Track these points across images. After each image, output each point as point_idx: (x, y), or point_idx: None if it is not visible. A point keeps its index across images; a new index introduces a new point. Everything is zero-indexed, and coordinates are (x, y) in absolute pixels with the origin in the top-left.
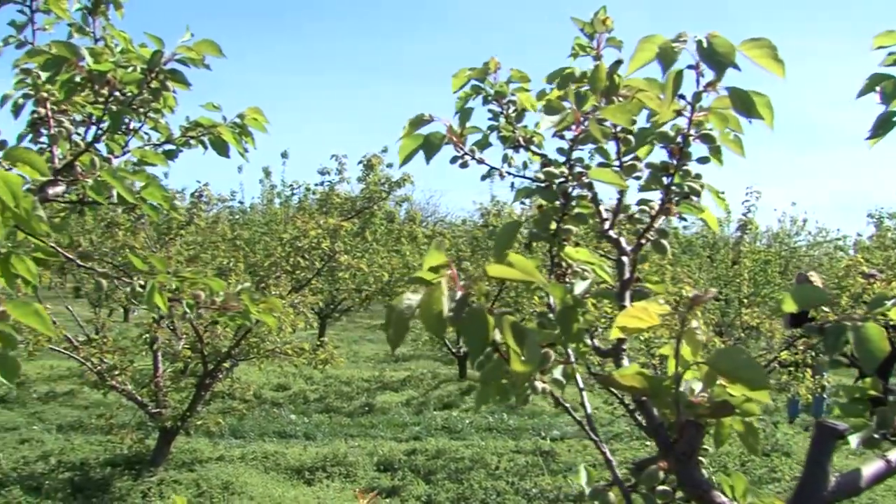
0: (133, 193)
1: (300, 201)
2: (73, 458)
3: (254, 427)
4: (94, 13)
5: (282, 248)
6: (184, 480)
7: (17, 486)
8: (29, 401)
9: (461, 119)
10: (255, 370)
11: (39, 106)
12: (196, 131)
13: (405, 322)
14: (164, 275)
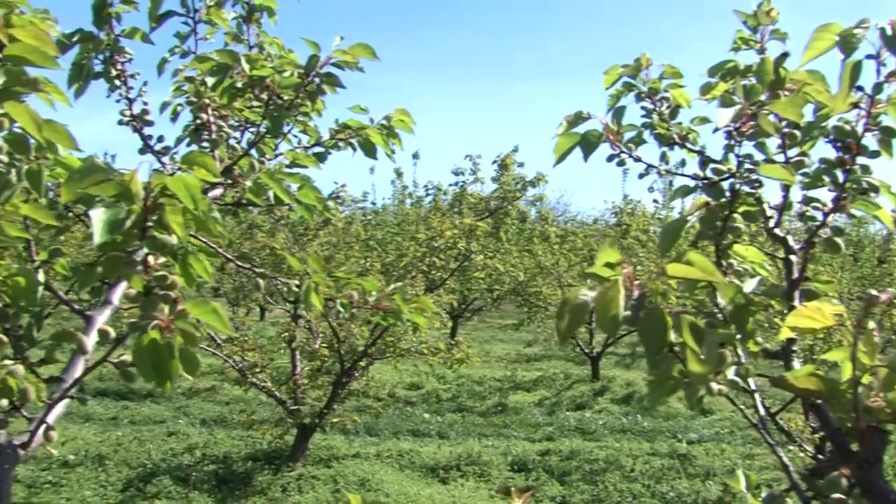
0: (290, 195)
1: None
2: (216, 451)
3: (388, 425)
4: (248, 21)
5: (417, 247)
6: (321, 476)
7: (167, 476)
8: (174, 396)
9: (614, 116)
10: (388, 369)
11: (202, 112)
12: (345, 133)
13: (579, 316)
14: (320, 275)
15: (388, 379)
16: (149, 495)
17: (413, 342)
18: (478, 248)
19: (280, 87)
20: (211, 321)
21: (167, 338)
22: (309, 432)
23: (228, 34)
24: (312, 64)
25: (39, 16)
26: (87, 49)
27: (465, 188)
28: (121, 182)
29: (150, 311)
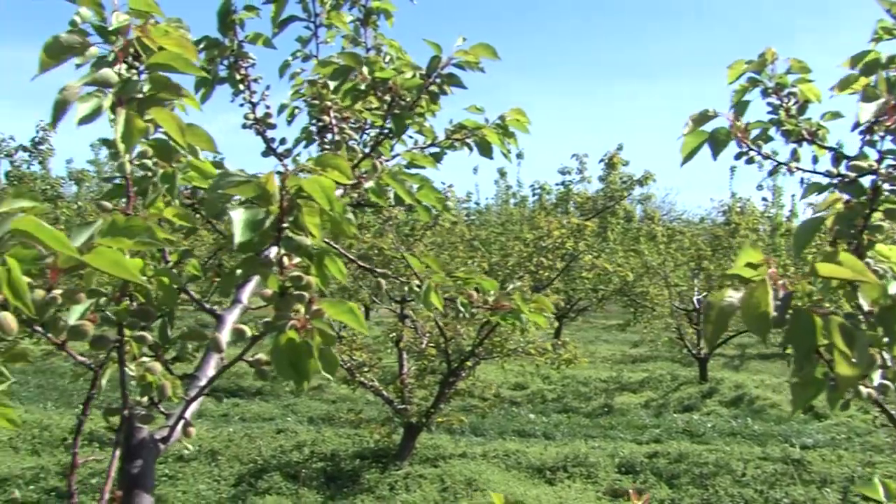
0: (411, 195)
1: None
2: (324, 449)
3: (493, 425)
4: (365, 24)
5: (524, 247)
6: (428, 475)
7: (277, 473)
8: (282, 394)
9: (737, 112)
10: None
11: (324, 114)
12: (461, 133)
13: (726, 318)
14: (440, 275)
15: (492, 379)
16: (260, 490)
17: (520, 342)
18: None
19: (403, 89)
20: (347, 321)
21: (305, 338)
22: (416, 431)
23: (347, 37)
24: (434, 65)
25: (173, 24)
26: (213, 55)
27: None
28: (258, 184)
29: (285, 311)
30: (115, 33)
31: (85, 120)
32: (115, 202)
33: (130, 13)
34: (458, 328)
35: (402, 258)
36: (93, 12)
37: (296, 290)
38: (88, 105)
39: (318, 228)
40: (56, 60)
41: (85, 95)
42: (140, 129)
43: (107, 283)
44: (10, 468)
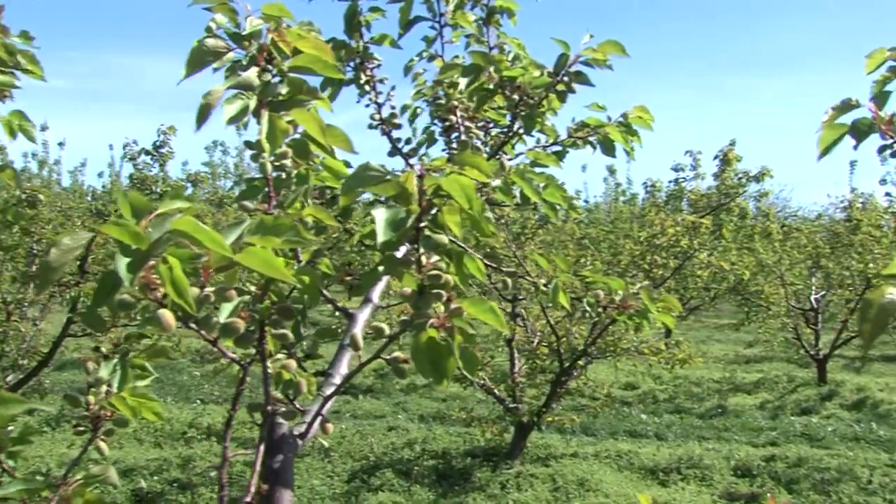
0: (538, 193)
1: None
2: (435, 446)
3: (604, 425)
4: (488, 23)
5: (638, 245)
6: (540, 475)
7: (389, 469)
8: (393, 391)
9: (878, 103)
10: (603, 368)
11: (450, 113)
12: (584, 132)
13: (886, 317)
14: (566, 274)
15: (602, 378)
16: (373, 487)
17: (633, 342)
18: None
19: (531, 87)
20: (487, 319)
21: (445, 336)
22: (527, 430)
23: (471, 36)
24: (562, 63)
25: (304, 28)
26: (339, 56)
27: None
28: (398, 183)
29: (423, 310)
30: (249, 38)
31: (233, 120)
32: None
33: (263, 18)
34: (569, 327)
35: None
36: (227, 18)
37: (434, 289)
38: (235, 107)
39: (459, 227)
40: (201, 64)
41: (230, 98)
42: (283, 130)
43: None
44: (136, 459)
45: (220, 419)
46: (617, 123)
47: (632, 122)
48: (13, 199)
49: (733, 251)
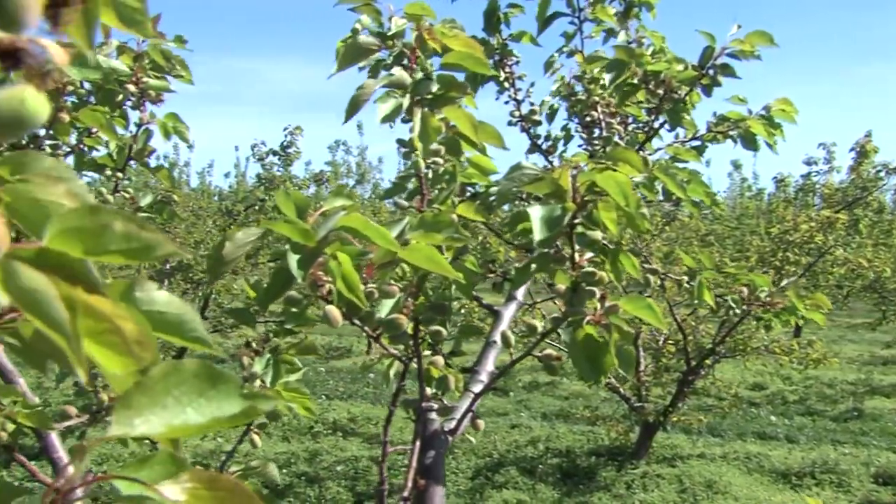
0: (683, 189)
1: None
2: (558, 445)
3: (731, 426)
4: (626, 16)
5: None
6: (666, 475)
7: (513, 467)
8: (515, 389)
9: None
10: (729, 368)
11: (591, 109)
12: (724, 126)
13: None
14: (710, 271)
15: (729, 378)
16: (497, 484)
17: (764, 340)
18: (834, 242)
19: (676, 81)
20: (645, 316)
21: (602, 334)
22: (652, 430)
23: (609, 31)
24: (708, 55)
25: (447, 25)
26: None
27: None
28: (552, 180)
29: (577, 307)
30: (393, 37)
31: (386, 119)
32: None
33: (406, 17)
34: (697, 325)
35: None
36: (371, 18)
37: (588, 286)
38: (388, 105)
39: (615, 224)
40: (352, 61)
41: (383, 96)
42: (436, 127)
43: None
44: (265, 452)
45: (345, 414)
46: (758, 116)
47: (774, 114)
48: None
49: (869, 247)
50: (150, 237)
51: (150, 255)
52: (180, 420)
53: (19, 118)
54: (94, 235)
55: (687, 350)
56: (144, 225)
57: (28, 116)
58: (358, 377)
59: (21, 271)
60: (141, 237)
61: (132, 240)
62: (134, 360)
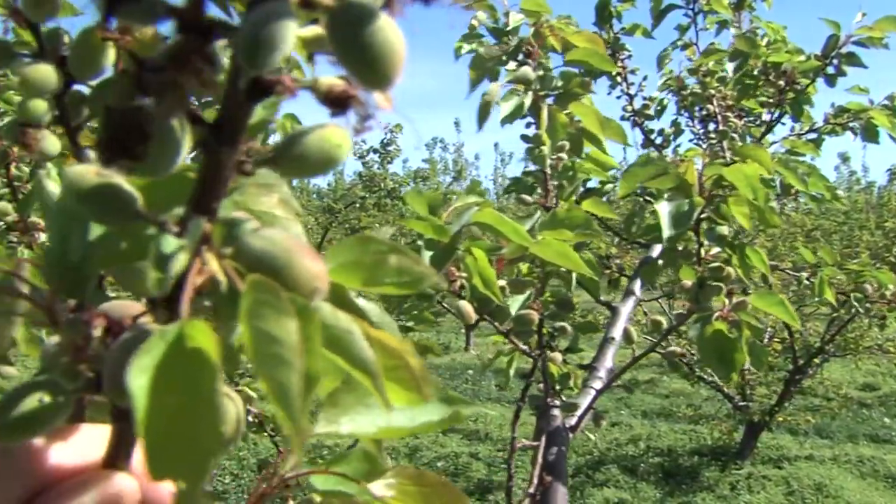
0: (804, 183)
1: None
2: (659, 443)
3: (841, 427)
4: (740, 7)
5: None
6: (772, 477)
7: (614, 466)
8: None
9: None
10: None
11: (708, 103)
12: (843, 117)
13: None
14: (831, 268)
15: (837, 378)
16: (597, 483)
17: (877, 339)
18: None
19: (798, 73)
20: (777, 313)
21: (732, 330)
22: (757, 430)
23: (721, 22)
24: (832, 45)
25: (563, 21)
26: None
27: None
28: (677, 174)
29: (704, 303)
30: (510, 34)
31: (509, 118)
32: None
33: (523, 14)
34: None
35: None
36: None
37: (714, 282)
38: (511, 104)
39: (747, 218)
40: (483, 72)
41: (506, 95)
42: (563, 123)
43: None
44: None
45: None
46: (881, 107)
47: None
48: None
49: None
50: (420, 270)
51: (420, 287)
52: (385, 421)
53: (331, 161)
54: (371, 269)
55: (794, 348)
56: (415, 258)
57: (338, 160)
58: (457, 373)
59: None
60: (412, 270)
61: (404, 273)
62: (420, 396)
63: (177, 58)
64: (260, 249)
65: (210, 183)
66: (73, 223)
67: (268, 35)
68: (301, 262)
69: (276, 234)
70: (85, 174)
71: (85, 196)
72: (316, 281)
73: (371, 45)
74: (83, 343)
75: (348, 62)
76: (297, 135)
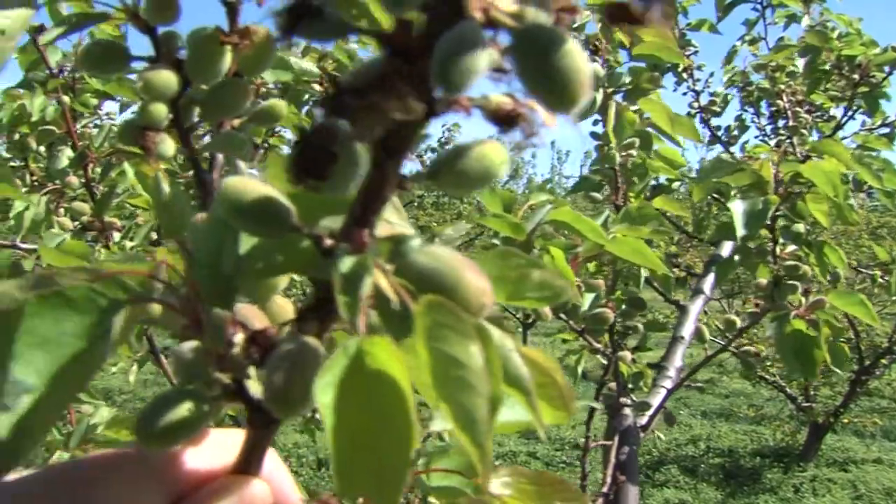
0: (879, 179)
1: None
2: (720, 444)
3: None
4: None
5: None
6: (838, 480)
7: (674, 466)
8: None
9: None
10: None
11: (777, 98)
12: None
13: None
14: None
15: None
16: (657, 483)
17: None
18: None
19: (873, 66)
20: (857, 313)
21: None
22: (822, 432)
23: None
24: None
25: None
26: None
27: None
28: (753, 171)
29: (779, 301)
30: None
31: (582, 117)
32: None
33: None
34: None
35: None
36: None
37: (790, 280)
38: None
39: (826, 216)
40: None
41: None
42: (631, 120)
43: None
44: None
45: None
46: None
47: None
48: None
49: None
50: (560, 285)
51: (558, 300)
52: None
53: (490, 177)
54: (515, 283)
55: (860, 348)
56: (554, 273)
57: (497, 177)
58: None
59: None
60: (553, 285)
61: (546, 287)
62: (567, 413)
63: (380, 82)
64: (427, 266)
65: (372, 197)
66: (226, 233)
67: (464, 58)
68: (468, 279)
69: (440, 250)
70: (241, 186)
71: (241, 208)
72: (483, 297)
73: (561, 72)
74: (225, 351)
75: (535, 86)
76: (458, 151)
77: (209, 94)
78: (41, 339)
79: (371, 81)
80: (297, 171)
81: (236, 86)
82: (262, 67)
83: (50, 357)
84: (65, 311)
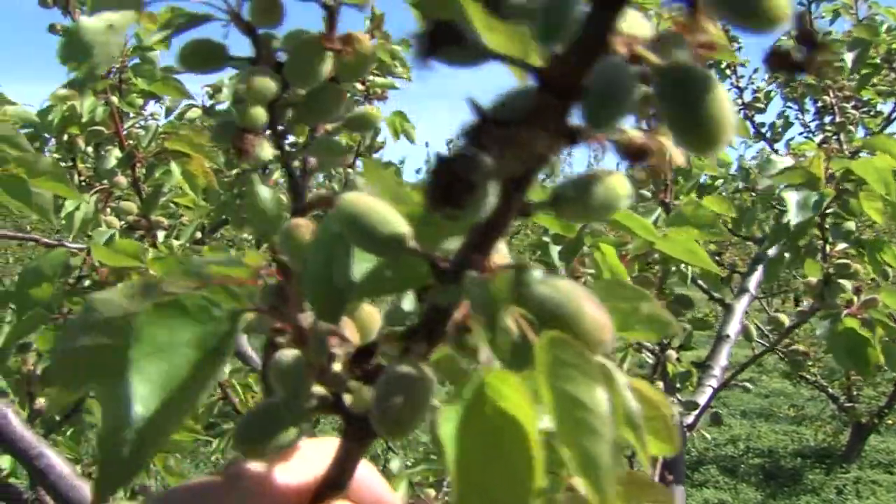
0: None
1: None
2: (760, 444)
3: None
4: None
5: None
6: (883, 482)
7: (713, 466)
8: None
9: None
10: None
11: (823, 94)
12: None
13: None
14: None
15: None
16: (696, 483)
17: None
18: None
19: None
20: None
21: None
22: (865, 432)
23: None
24: None
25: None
26: None
27: None
28: (805, 169)
29: (829, 300)
30: None
31: None
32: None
33: None
34: None
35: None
36: None
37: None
38: None
39: (881, 213)
40: None
41: None
42: None
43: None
44: None
45: None
46: None
47: None
48: None
49: None
50: (667, 319)
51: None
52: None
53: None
54: (626, 315)
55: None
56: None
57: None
58: None
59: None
60: (660, 318)
61: (654, 321)
62: (672, 447)
63: (531, 117)
64: (549, 297)
65: (494, 226)
66: (339, 247)
67: (618, 100)
68: (589, 313)
69: (561, 281)
70: (360, 203)
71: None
72: (603, 333)
73: (709, 117)
74: (327, 365)
75: (683, 133)
76: (585, 182)
77: (307, 98)
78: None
79: (519, 115)
80: (434, 197)
81: (334, 91)
82: (361, 74)
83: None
84: (181, 320)
